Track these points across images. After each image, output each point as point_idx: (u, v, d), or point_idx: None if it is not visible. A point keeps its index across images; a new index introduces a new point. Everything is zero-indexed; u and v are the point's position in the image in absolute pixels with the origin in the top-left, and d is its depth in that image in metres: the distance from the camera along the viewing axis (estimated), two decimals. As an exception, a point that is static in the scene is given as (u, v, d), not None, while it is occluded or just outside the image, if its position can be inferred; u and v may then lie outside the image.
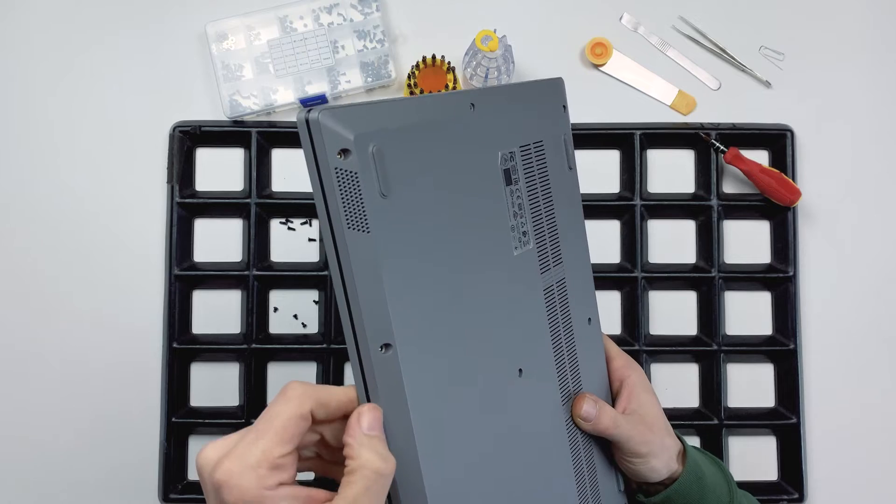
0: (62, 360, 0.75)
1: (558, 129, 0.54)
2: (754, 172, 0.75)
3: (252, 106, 0.75)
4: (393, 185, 0.39)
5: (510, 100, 0.49)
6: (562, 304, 0.53)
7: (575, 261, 0.55)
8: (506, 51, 0.70)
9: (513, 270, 0.48)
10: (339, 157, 0.37)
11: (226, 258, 0.77)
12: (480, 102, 0.46)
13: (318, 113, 0.37)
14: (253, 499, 0.35)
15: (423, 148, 0.42)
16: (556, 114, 0.54)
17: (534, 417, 0.51)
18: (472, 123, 0.45)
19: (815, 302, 0.77)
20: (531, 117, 0.51)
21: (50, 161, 0.76)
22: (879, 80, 0.79)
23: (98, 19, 0.77)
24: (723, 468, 0.58)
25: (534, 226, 0.51)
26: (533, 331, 0.50)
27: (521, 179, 0.49)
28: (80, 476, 0.74)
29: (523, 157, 0.50)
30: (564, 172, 0.54)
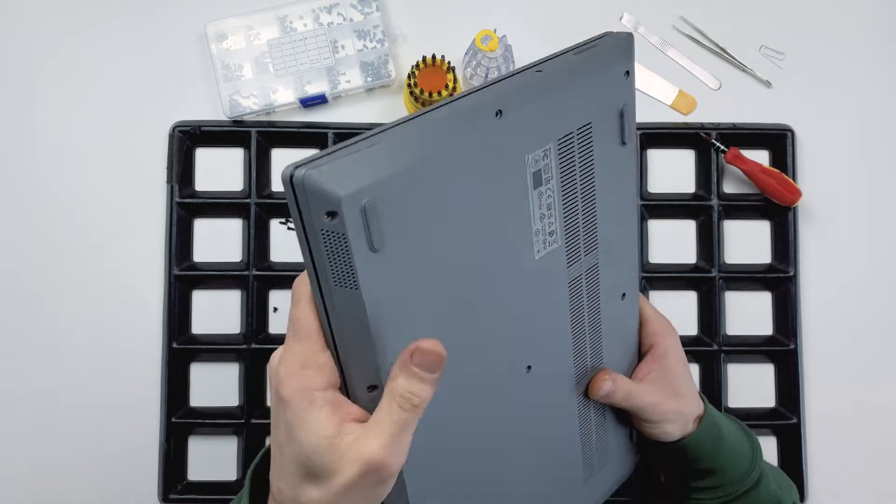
0: (61, 360, 0.75)
1: (615, 101, 0.47)
2: (755, 172, 0.75)
3: (252, 106, 0.75)
4: (387, 237, 0.36)
5: (552, 88, 0.43)
6: (590, 290, 0.51)
7: (616, 240, 0.52)
8: (506, 50, 0.70)
9: (531, 276, 0.46)
10: (327, 218, 0.34)
11: (225, 258, 0.77)
12: (511, 106, 0.40)
13: (304, 171, 0.34)
14: (303, 396, 0.38)
15: (428, 185, 0.37)
16: (615, 83, 0.47)
17: (540, 405, 0.52)
18: (495, 134, 0.40)
19: (815, 302, 0.77)
20: (578, 99, 0.44)
21: (49, 161, 0.76)
22: (880, 79, 0.79)
23: (97, 19, 0.77)
24: (750, 436, 0.60)
25: (565, 221, 0.47)
26: (548, 327, 0.50)
27: (555, 177, 0.45)
28: (80, 476, 0.74)
29: (561, 150, 0.44)
30: (615, 149, 0.48)
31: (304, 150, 0.77)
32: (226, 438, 0.75)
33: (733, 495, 0.58)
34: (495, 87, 0.41)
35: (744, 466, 0.58)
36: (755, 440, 0.60)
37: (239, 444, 0.75)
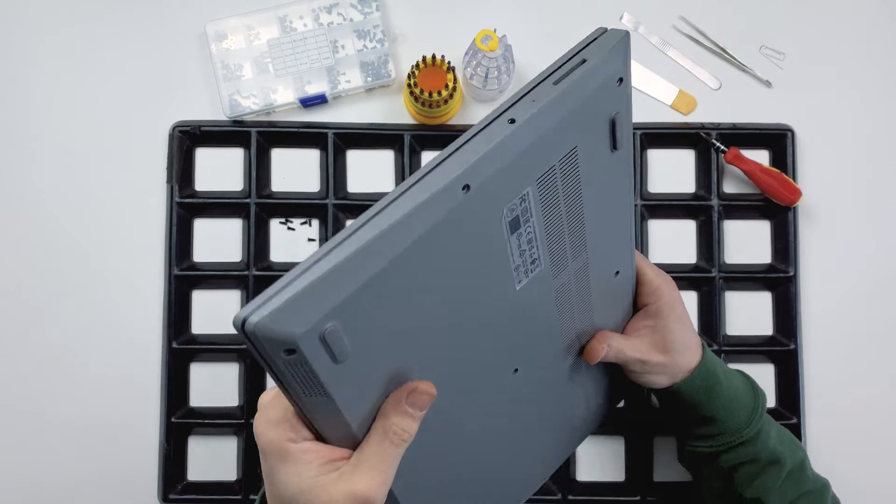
0: (60, 360, 0.75)
1: (605, 113, 0.43)
2: (755, 172, 0.75)
3: (252, 106, 0.75)
4: (353, 345, 0.35)
5: (528, 137, 0.39)
6: (580, 285, 0.51)
7: (608, 232, 0.50)
8: (506, 50, 0.70)
9: (513, 305, 0.46)
10: (286, 355, 0.34)
11: (225, 258, 0.77)
12: (480, 175, 0.37)
13: (256, 318, 0.32)
14: (277, 449, 0.40)
15: (395, 283, 0.36)
16: (606, 96, 0.42)
17: (527, 396, 0.53)
18: (464, 209, 0.37)
19: (815, 302, 0.77)
20: (560, 133, 0.41)
21: (49, 161, 0.76)
22: (880, 79, 0.79)
23: (97, 19, 0.77)
24: (756, 392, 0.62)
25: (549, 244, 0.45)
26: (535, 333, 0.50)
27: (535, 215, 0.42)
28: (80, 476, 0.74)
29: (541, 187, 0.42)
30: (606, 157, 0.45)
31: (303, 149, 0.77)
32: (226, 438, 0.75)
33: (728, 445, 0.60)
34: (461, 154, 0.37)
35: (741, 419, 0.60)
36: (762, 397, 0.62)
37: (239, 445, 0.75)
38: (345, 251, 0.34)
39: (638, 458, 0.75)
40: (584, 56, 0.40)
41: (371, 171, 0.77)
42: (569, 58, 0.40)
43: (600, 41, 0.41)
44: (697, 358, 0.60)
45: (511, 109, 0.38)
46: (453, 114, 0.76)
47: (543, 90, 0.39)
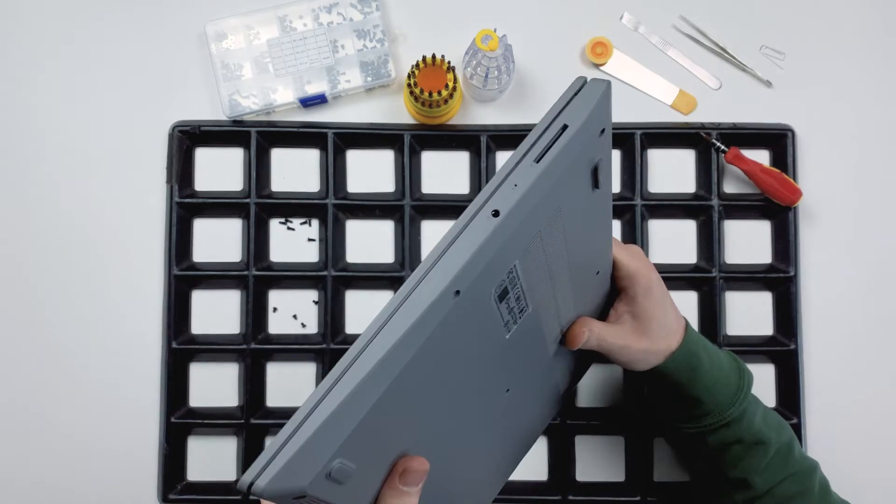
0: (60, 360, 0.75)
1: (587, 166, 0.43)
2: (755, 172, 0.75)
3: (251, 105, 0.75)
4: (357, 466, 0.36)
5: (512, 225, 0.38)
6: (563, 298, 0.52)
7: (588, 250, 0.51)
8: (506, 50, 0.70)
9: (503, 350, 0.46)
10: (295, 500, 0.34)
11: (225, 258, 0.76)
12: (469, 277, 0.37)
13: (262, 483, 0.32)
14: None
15: (393, 400, 0.36)
16: (588, 151, 0.42)
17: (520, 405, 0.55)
18: (455, 311, 0.37)
19: (816, 302, 0.77)
20: (544, 207, 0.40)
21: (49, 160, 0.76)
22: (881, 79, 0.79)
23: (97, 19, 0.77)
24: (742, 372, 0.62)
25: (535, 291, 0.45)
26: (525, 357, 0.51)
27: (522, 279, 0.43)
28: (80, 476, 0.74)
29: (526, 255, 0.42)
30: (586, 199, 0.45)
31: (303, 149, 0.77)
32: (225, 439, 0.75)
33: (713, 426, 0.60)
34: (449, 259, 0.36)
35: (725, 400, 0.60)
36: (747, 377, 0.62)
37: (238, 445, 0.75)
38: (343, 391, 0.34)
39: (638, 458, 0.75)
40: (564, 120, 0.39)
41: (371, 171, 0.77)
42: (549, 123, 0.39)
43: (581, 97, 0.40)
44: (679, 339, 0.60)
45: (493, 198, 0.37)
46: (453, 114, 0.76)
47: (525, 171, 0.38)
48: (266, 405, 0.76)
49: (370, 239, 0.77)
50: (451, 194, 0.77)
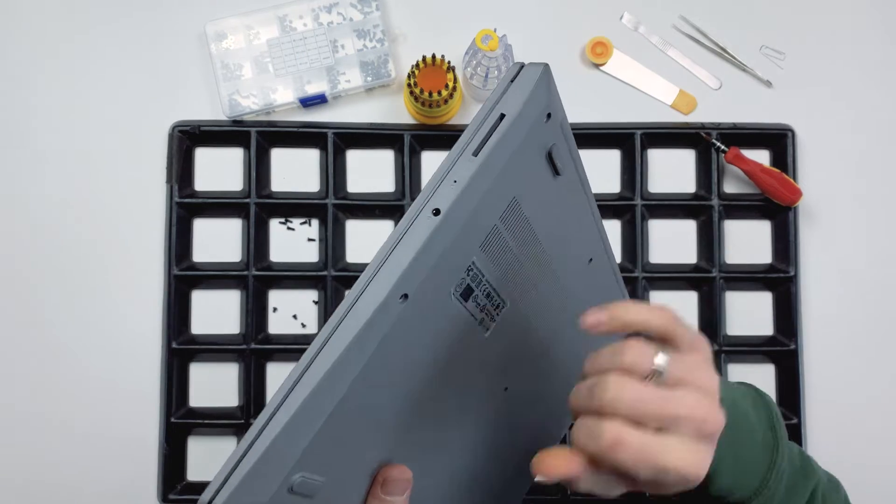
0: (60, 360, 0.75)
1: (539, 150, 0.41)
2: (755, 172, 0.75)
3: (251, 105, 0.75)
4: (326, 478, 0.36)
5: (455, 225, 0.37)
6: (551, 291, 0.50)
7: (569, 239, 0.49)
8: (506, 50, 0.70)
9: (486, 349, 0.45)
10: None
11: (225, 258, 0.76)
12: (412, 280, 0.36)
13: (220, 501, 0.32)
14: None
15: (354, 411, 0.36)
16: (534, 138, 0.40)
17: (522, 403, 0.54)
18: (407, 313, 0.36)
19: (816, 302, 0.77)
20: (492, 193, 0.39)
21: (49, 161, 0.76)
22: (881, 79, 0.79)
23: (97, 18, 0.77)
24: (776, 439, 0.46)
25: (508, 285, 0.44)
26: (516, 351, 0.50)
27: (487, 273, 0.41)
28: (80, 476, 0.74)
29: (487, 249, 0.40)
30: (549, 186, 0.44)
31: (303, 149, 0.77)
32: (225, 439, 0.75)
33: None
34: (391, 265, 0.35)
35: (747, 490, 0.44)
36: (782, 453, 0.45)
37: (238, 445, 0.75)
38: (293, 403, 0.33)
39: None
40: (501, 110, 0.38)
41: (371, 171, 0.77)
42: (485, 114, 0.38)
43: (517, 84, 0.38)
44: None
45: (434, 197, 0.36)
46: (453, 114, 0.76)
47: (463, 166, 0.37)
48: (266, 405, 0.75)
49: (370, 239, 0.77)
50: (451, 194, 0.77)
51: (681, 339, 0.39)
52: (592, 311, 0.40)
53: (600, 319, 0.40)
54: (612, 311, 0.40)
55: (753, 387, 0.50)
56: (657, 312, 0.39)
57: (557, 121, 0.41)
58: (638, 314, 0.39)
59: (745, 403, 0.46)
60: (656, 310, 0.40)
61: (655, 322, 0.39)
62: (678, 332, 0.39)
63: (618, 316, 0.40)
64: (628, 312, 0.39)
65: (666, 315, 0.39)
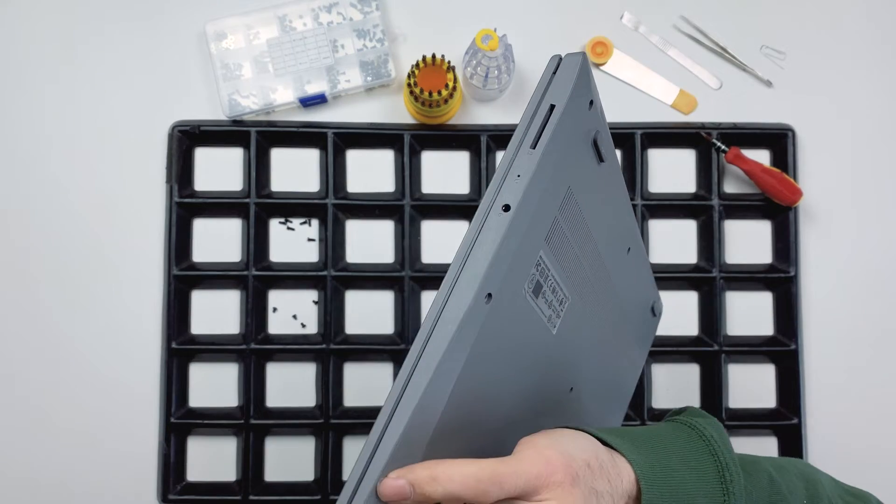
0: (60, 359, 0.75)
1: (586, 138, 0.43)
2: (755, 172, 0.75)
3: (251, 105, 0.75)
4: None
5: (524, 219, 0.38)
6: (602, 286, 0.50)
7: (612, 228, 0.50)
8: (506, 50, 0.70)
9: (555, 344, 0.45)
10: None
11: (225, 258, 0.76)
12: (494, 279, 0.37)
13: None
14: None
15: (452, 420, 0.37)
16: (582, 125, 0.42)
17: (588, 398, 0.54)
18: (491, 313, 0.37)
19: (816, 302, 0.77)
20: (553, 184, 0.40)
21: (49, 160, 0.76)
22: (881, 78, 0.79)
23: (97, 18, 0.77)
24: (715, 459, 0.41)
25: (570, 278, 0.44)
26: (578, 350, 0.50)
27: (552, 267, 0.42)
28: (79, 476, 0.74)
29: (550, 242, 0.41)
30: (595, 174, 0.45)
31: (303, 149, 0.77)
32: (225, 439, 0.75)
33: None
34: (472, 266, 0.36)
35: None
36: (728, 472, 0.41)
37: (238, 445, 0.75)
38: (399, 424, 0.34)
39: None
40: (550, 101, 0.39)
41: (371, 171, 0.77)
42: (535, 107, 0.39)
43: (560, 75, 0.40)
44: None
45: (501, 193, 0.37)
46: (453, 113, 0.76)
47: (524, 160, 0.38)
48: (266, 405, 0.75)
49: (370, 239, 0.77)
50: (451, 194, 0.77)
51: (508, 493, 0.35)
52: (392, 477, 0.35)
53: (402, 492, 0.35)
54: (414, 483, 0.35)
55: (695, 426, 0.43)
56: (467, 480, 0.35)
57: (598, 107, 0.43)
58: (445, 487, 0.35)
59: (679, 470, 0.40)
60: (469, 476, 0.35)
61: (465, 494, 0.35)
62: (491, 492, 0.35)
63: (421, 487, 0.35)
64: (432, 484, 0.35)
65: (472, 486, 0.34)
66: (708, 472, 0.41)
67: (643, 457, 0.40)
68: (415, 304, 0.76)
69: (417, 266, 0.76)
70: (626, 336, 0.58)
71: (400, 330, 0.75)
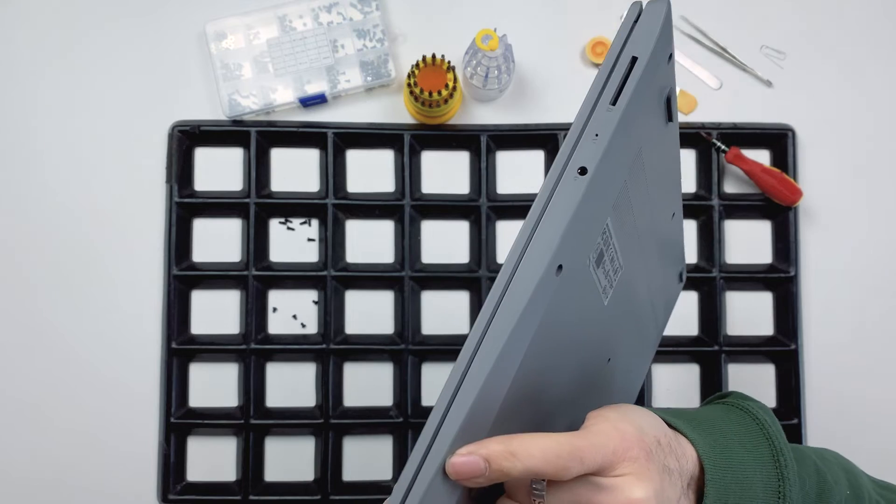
0: (59, 359, 0.75)
1: (660, 94, 0.39)
2: (755, 172, 0.75)
3: (251, 105, 0.75)
4: None
5: (605, 174, 0.35)
6: (649, 253, 0.48)
7: (663, 192, 0.46)
8: (506, 50, 0.70)
9: (606, 317, 0.43)
10: None
11: (225, 258, 0.76)
12: (567, 250, 0.34)
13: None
14: None
15: (519, 392, 0.35)
16: (660, 80, 0.38)
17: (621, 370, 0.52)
18: (560, 285, 0.34)
19: (816, 302, 0.77)
20: (628, 146, 0.37)
21: (48, 160, 0.76)
22: (881, 78, 0.79)
23: (97, 18, 0.77)
24: (771, 444, 0.42)
25: (626, 246, 0.42)
26: (622, 322, 0.48)
27: (614, 236, 0.39)
28: (79, 476, 0.74)
29: (616, 209, 0.38)
30: (662, 134, 0.41)
31: (303, 149, 0.77)
32: (225, 439, 0.75)
33: None
34: (545, 231, 0.33)
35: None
36: (785, 494, 0.40)
37: (238, 445, 0.75)
38: (466, 399, 0.31)
39: None
40: (632, 52, 0.35)
41: (371, 171, 0.77)
42: (615, 57, 0.35)
43: (643, 24, 0.36)
44: None
45: (576, 154, 0.34)
46: (453, 113, 0.76)
47: (603, 117, 0.34)
48: (266, 405, 0.75)
49: (370, 239, 0.77)
50: (451, 194, 0.77)
51: (587, 468, 0.33)
52: (463, 453, 0.32)
53: (476, 468, 0.32)
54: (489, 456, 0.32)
55: (748, 410, 0.43)
56: (548, 455, 0.32)
57: (674, 63, 0.39)
58: (524, 463, 0.32)
59: (738, 452, 0.40)
60: (549, 450, 0.32)
61: (546, 470, 0.32)
62: (571, 467, 0.33)
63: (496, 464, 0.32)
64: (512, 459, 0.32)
65: (553, 461, 0.32)
66: (764, 456, 0.40)
67: (703, 438, 0.39)
68: (415, 304, 0.76)
69: (417, 266, 0.76)
70: (658, 302, 0.55)
71: (400, 330, 0.75)
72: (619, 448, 0.34)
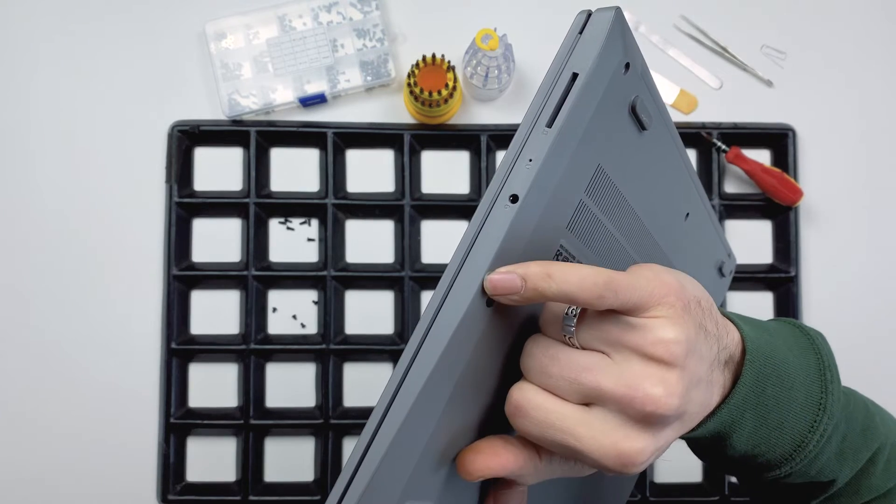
0: (59, 360, 0.75)
1: (621, 106, 0.36)
2: (756, 172, 0.75)
3: (251, 105, 0.75)
4: (432, 490, 0.34)
5: (541, 199, 0.33)
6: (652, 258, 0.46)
7: (663, 194, 0.45)
8: (506, 49, 0.70)
9: None
10: None
11: (224, 258, 0.76)
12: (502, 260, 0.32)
13: None
14: None
15: (450, 427, 0.33)
16: (615, 93, 0.35)
17: None
18: (494, 313, 0.33)
19: (816, 302, 0.77)
20: (574, 166, 0.34)
21: (48, 160, 0.76)
22: (881, 78, 0.79)
23: (96, 18, 0.77)
24: (819, 355, 0.40)
25: (604, 260, 0.40)
26: None
27: (577, 252, 0.38)
28: (79, 476, 0.74)
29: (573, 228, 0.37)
30: (635, 144, 0.39)
31: (303, 149, 0.77)
32: (225, 439, 0.75)
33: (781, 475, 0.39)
34: (472, 262, 0.32)
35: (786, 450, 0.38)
36: (826, 407, 0.38)
37: (238, 445, 0.75)
38: (385, 440, 0.30)
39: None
40: (572, 69, 0.33)
41: (371, 171, 0.77)
42: (555, 76, 0.33)
43: (587, 35, 0.33)
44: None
45: (509, 181, 0.32)
46: (453, 113, 0.76)
47: (537, 141, 0.32)
48: (265, 406, 0.75)
49: (370, 239, 0.77)
50: (451, 194, 0.77)
51: (622, 303, 0.32)
52: (503, 271, 0.32)
53: (513, 284, 0.31)
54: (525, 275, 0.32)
55: (801, 326, 0.42)
56: (584, 282, 0.31)
57: (638, 70, 0.36)
58: (559, 286, 0.31)
59: (782, 350, 0.39)
60: (586, 278, 0.31)
61: (580, 296, 0.31)
62: (606, 296, 0.31)
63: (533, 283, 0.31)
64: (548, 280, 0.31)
65: (589, 288, 0.31)
66: (810, 365, 0.39)
67: (751, 329, 0.39)
68: (415, 304, 0.76)
69: (417, 266, 0.76)
70: None
71: (400, 330, 0.75)
72: (656, 292, 0.33)
